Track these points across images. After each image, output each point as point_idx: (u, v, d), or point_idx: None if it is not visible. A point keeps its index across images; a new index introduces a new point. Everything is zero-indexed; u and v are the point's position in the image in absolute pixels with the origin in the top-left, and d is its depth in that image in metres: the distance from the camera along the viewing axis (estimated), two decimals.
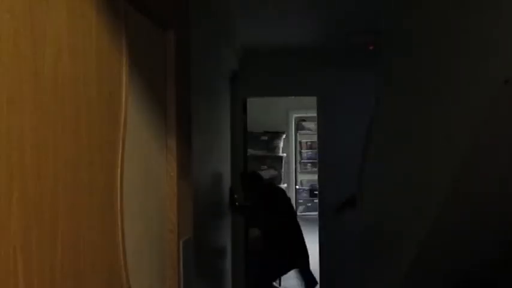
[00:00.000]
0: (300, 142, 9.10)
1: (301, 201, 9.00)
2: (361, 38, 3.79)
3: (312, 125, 8.28)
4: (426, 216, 1.93)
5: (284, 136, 8.03)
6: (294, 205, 6.34)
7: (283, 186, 7.23)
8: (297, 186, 8.86)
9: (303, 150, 9.13)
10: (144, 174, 1.16)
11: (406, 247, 2.13)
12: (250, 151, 5.02)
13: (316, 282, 4.28)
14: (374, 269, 2.83)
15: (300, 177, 9.08)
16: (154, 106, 1.22)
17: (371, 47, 3.93)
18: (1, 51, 0.60)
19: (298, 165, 9.02)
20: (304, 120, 8.84)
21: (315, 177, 4.70)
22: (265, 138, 7.61)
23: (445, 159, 1.75)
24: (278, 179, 7.62)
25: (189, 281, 1.42)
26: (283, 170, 7.98)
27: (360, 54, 4.14)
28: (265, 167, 6.58)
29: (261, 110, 6.39)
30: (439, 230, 1.92)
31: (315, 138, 5.83)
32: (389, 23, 2.78)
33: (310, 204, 8.82)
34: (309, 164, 9.07)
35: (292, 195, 8.08)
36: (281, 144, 7.98)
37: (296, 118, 8.55)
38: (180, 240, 1.35)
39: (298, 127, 8.92)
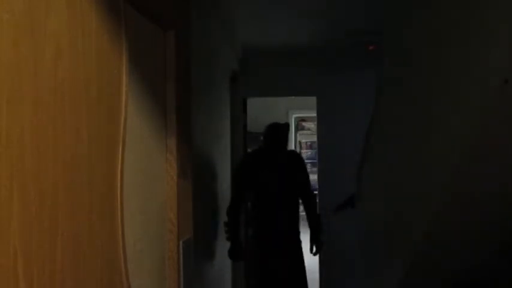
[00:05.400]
0: (300, 142, 9.09)
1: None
2: (361, 38, 3.79)
3: (312, 125, 8.27)
4: (426, 216, 1.93)
5: None
6: None
7: None
8: None
9: (302, 150, 9.12)
10: (144, 174, 1.16)
11: (406, 247, 2.13)
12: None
13: None
14: (374, 268, 2.83)
15: None
16: (154, 106, 1.22)
17: (371, 47, 3.93)
18: (1, 51, 0.60)
19: None
20: (304, 120, 8.84)
21: (315, 177, 4.68)
22: None
23: (445, 159, 1.75)
24: None
25: (189, 281, 1.42)
26: None
27: (360, 54, 4.14)
28: None
29: (261, 110, 6.39)
30: (439, 230, 1.92)
31: (315, 138, 5.83)
32: (390, 23, 2.78)
33: None
34: (309, 164, 9.06)
35: None
36: None
37: (296, 118, 8.54)
38: (180, 240, 1.35)
39: (298, 127, 8.92)
